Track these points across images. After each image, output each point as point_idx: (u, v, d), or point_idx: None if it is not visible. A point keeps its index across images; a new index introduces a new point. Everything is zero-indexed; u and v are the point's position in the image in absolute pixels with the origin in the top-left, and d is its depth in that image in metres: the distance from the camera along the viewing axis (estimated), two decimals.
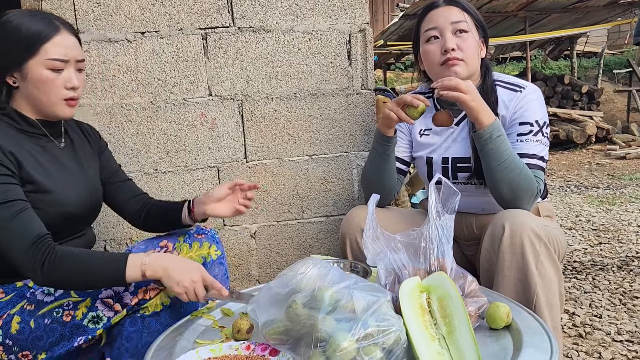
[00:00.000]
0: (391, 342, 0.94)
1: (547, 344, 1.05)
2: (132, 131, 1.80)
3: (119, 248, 1.84)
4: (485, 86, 1.59)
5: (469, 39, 1.54)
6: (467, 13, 1.55)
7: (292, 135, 1.92)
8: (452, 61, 1.52)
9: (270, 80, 1.88)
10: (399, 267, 1.18)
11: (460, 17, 1.54)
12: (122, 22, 1.76)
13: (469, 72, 1.55)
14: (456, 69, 1.53)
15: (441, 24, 1.54)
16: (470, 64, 1.55)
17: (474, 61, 1.56)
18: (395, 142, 1.62)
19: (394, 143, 1.61)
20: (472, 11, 1.58)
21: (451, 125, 1.55)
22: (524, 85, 1.59)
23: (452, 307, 1.04)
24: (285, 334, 1.03)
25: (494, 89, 1.59)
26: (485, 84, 1.59)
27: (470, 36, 1.54)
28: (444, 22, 1.54)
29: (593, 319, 2.13)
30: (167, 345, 1.17)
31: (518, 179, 1.44)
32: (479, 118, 1.43)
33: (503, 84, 1.61)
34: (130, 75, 1.78)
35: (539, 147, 1.52)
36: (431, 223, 1.18)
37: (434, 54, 1.56)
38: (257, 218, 1.94)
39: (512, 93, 1.57)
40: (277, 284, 1.08)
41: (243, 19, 1.84)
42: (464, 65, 1.54)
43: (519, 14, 7.13)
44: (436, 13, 1.56)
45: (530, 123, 1.53)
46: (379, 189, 1.63)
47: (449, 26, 1.53)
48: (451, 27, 1.53)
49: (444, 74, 1.54)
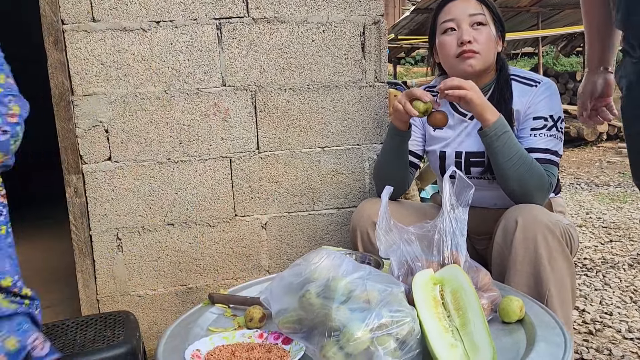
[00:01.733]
0: (405, 332, 0.94)
1: (560, 338, 1.04)
2: (145, 120, 1.81)
3: (131, 237, 1.85)
4: (501, 81, 1.59)
5: (486, 32, 1.53)
6: (485, 6, 1.55)
7: (304, 127, 1.92)
8: (467, 54, 1.52)
9: (284, 71, 1.88)
10: (412, 259, 1.18)
11: (479, 9, 1.53)
12: (138, 11, 1.76)
13: (484, 65, 1.55)
14: (471, 61, 1.53)
15: (458, 15, 1.53)
16: (486, 57, 1.54)
17: (489, 54, 1.55)
18: (409, 137, 1.62)
19: (407, 138, 1.61)
20: (491, 5, 1.57)
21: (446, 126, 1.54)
22: (540, 79, 1.58)
23: (465, 300, 1.04)
24: (299, 323, 1.03)
25: (509, 84, 1.58)
26: (501, 79, 1.59)
27: (487, 29, 1.53)
28: (462, 14, 1.53)
29: (603, 316, 2.12)
30: (180, 332, 1.18)
31: (527, 174, 1.43)
32: (484, 115, 1.43)
33: (519, 78, 1.60)
34: (144, 65, 1.79)
35: (553, 141, 1.51)
36: (445, 216, 1.18)
37: (450, 45, 1.55)
38: (268, 209, 1.94)
39: (527, 88, 1.57)
40: (290, 274, 1.08)
41: (257, 10, 1.83)
42: (480, 58, 1.53)
43: (531, 10, 7.08)
44: (454, 5, 1.56)
45: (544, 117, 1.52)
46: (391, 182, 1.63)
47: (466, 18, 1.52)
48: (469, 19, 1.52)
49: (459, 66, 1.54)
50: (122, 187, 1.82)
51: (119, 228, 1.84)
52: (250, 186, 1.91)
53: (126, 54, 1.77)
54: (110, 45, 1.76)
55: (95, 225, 1.82)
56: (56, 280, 2.61)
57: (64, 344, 1.42)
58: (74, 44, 1.73)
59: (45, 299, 2.32)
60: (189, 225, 1.89)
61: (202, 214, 1.89)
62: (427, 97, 1.45)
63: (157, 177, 1.84)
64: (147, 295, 1.90)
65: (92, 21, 1.74)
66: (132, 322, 1.55)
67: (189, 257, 1.91)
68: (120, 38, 1.76)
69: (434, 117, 1.48)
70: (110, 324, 1.53)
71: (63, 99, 1.74)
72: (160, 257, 1.89)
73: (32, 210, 3.92)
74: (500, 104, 1.55)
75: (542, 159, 1.49)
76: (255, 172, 1.91)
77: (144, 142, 1.82)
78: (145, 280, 1.89)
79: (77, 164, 1.78)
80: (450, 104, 1.66)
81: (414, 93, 1.48)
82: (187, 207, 1.88)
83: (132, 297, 1.88)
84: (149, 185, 1.84)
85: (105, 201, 1.82)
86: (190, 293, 1.93)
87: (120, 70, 1.78)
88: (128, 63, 1.78)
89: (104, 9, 1.74)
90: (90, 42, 1.74)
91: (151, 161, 1.83)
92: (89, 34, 1.74)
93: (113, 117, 1.79)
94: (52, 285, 2.54)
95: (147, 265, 1.88)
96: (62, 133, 1.76)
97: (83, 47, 1.74)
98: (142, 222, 1.86)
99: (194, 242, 1.90)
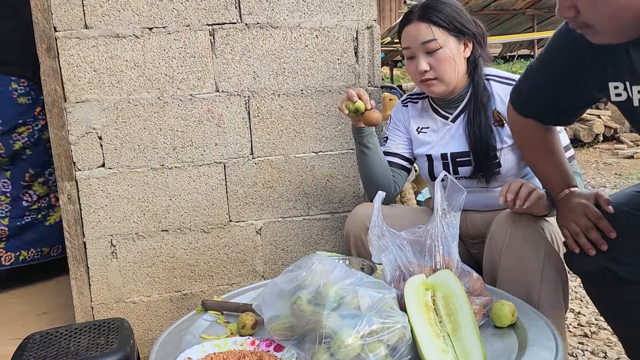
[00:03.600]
0: (396, 339, 0.94)
1: (552, 342, 1.05)
2: (139, 126, 1.81)
3: (125, 243, 1.85)
4: (475, 84, 1.60)
5: (441, 56, 1.55)
6: (437, 26, 1.54)
7: (298, 132, 1.93)
8: (427, 82, 1.58)
9: (277, 76, 1.88)
10: (404, 264, 1.18)
11: (429, 35, 1.53)
12: (130, 18, 1.76)
13: (447, 85, 1.59)
14: (433, 88, 1.59)
15: (412, 44, 1.57)
16: (446, 78, 1.57)
17: (449, 75, 1.57)
18: (369, 133, 1.63)
19: (366, 134, 1.63)
20: (445, 20, 1.54)
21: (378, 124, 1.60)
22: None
23: (457, 305, 1.04)
24: (290, 330, 1.03)
25: (485, 86, 1.60)
26: (475, 82, 1.60)
27: (442, 52, 1.54)
28: (415, 44, 1.56)
29: (599, 319, 2.12)
30: (172, 339, 1.18)
31: None
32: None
33: (498, 78, 1.62)
34: (137, 71, 1.79)
35: (563, 134, 1.53)
36: (437, 220, 1.18)
37: (413, 72, 1.61)
38: (262, 214, 1.94)
39: (507, 87, 1.58)
40: (282, 280, 1.08)
41: (250, 15, 1.84)
42: (439, 82, 1.58)
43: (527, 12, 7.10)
44: (407, 33, 1.58)
45: None
46: (373, 185, 1.65)
47: (420, 47, 1.55)
48: (422, 47, 1.55)
49: (425, 90, 1.63)
50: (116, 194, 1.82)
51: (113, 235, 1.84)
52: (244, 191, 1.91)
53: (119, 61, 1.77)
54: (103, 52, 1.76)
55: (89, 232, 1.82)
56: (50, 286, 2.60)
57: (57, 352, 1.41)
58: (67, 51, 1.73)
59: (40, 306, 2.33)
60: (183, 231, 1.89)
61: (197, 220, 1.89)
62: (355, 98, 1.55)
63: (151, 184, 1.84)
64: (141, 301, 1.89)
65: (85, 28, 1.74)
66: (126, 329, 1.54)
67: (184, 263, 1.91)
68: (113, 45, 1.76)
69: (365, 118, 1.58)
70: (104, 332, 1.52)
71: (56, 106, 1.74)
72: (154, 264, 1.88)
73: None
74: (479, 109, 1.56)
75: (570, 158, 1.51)
76: (250, 178, 1.91)
77: (138, 148, 1.82)
78: (139, 286, 1.88)
79: (71, 170, 1.78)
80: (432, 107, 1.68)
81: (348, 93, 1.57)
82: (181, 213, 1.88)
83: (126, 304, 1.88)
84: (143, 191, 1.84)
85: (99, 208, 1.82)
86: (185, 299, 1.93)
87: (113, 77, 1.78)
88: (121, 69, 1.78)
89: (96, 15, 1.74)
90: (82, 49, 1.74)
91: (145, 167, 1.83)
92: (81, 40, 1.74)
93: (106, 124, 1.79)
94: (47, 292, 2.54)
95: (142, 272, 1.88)
96: (55, 140, 1.76)
97: (76, 54, 1.74)
98: (137, 229, 1.85)
99: (189, 248, 1.90)
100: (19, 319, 2.23)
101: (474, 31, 1.59)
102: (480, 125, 1.57)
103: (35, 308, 2.34)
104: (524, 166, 1.62)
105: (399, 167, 1.72)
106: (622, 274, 1.19)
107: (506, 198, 1.33)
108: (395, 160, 1.72)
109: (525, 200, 1.32)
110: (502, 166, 1.57)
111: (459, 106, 1.63)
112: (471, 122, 1.58)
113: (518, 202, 1.33)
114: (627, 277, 1.19)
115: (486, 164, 1.57)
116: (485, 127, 1.56)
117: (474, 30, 1.59)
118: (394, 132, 1.76)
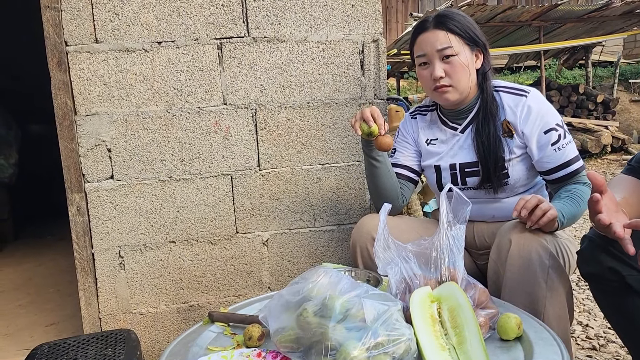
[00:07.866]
0: (401, 351, 0.94)
1: (558, 356, 1.04)
2: (147, 139, 1.83)
3: (133, 255, 1.86)
4: (485, 95, 1.61)
5: (457, 63, 1.55)
6: (454, 34, 1.55)
7: (304, 144, 1.94)
8: (441, 88, 1.57)
9: (284, 89, 1.90)
10: (409, 276, 1.18)
11: (446, 42, 1.54)
12: (140, 32, 1.79)
13: (460, 94, 1.59)
14: (446, 95, 1.59)
15: (429, 51, 1.57)
16: (461, 86, 1.58)
17: (464, 82, 1.58)
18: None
19: (375, 149, 1.64)
20: (461, 29, 1.56)
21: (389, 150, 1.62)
22: (528, 89, 1.60)
23: (462, 318, 1.05)
24: (296, 342, 1.03)
25: (494, 97, 1.61)
26: (484, 93, 1.61)
27: (457, 60, 1.55)
28: (431, 50, 1.56)
29: (607, 332, 2.11)
30: (179, 351, 1.18)
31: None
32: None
33: (506, 89, 1.62)
34: (146, 84, 1.82)
35: (572, 147, 1.54)
36: (442, 233, 1.19)
37: (426, 79, 1.61)
38: (269, 226, 1.95)
39: (517, 98, 1.58)
40: (288, 292, 1.09)
41: (258, 29, 1.86)
42: (453, 90, 1.58)
43: (533, 24, 7.10)
44: (424, 39, 1.58)
45: (554, 128, 1.54)
46: (381, 197, 1.67)
47: (435, 54, 1.56)
48: (438, 54, 1.55)
49: (437, 98, 1.63)
50: (124, 205, 1.84)
51: (121, 246, 1.86)
52: (251, 203, 1.93)
53: (128, 74, 1.80)
54: (112, 66, 1.79)
55: (97, 243, 1.84)
56: (59, 298, 2.62)
57: None
58: (77, 65, 1.77)
59: (47, 317, 2.35)
60: (190, 242, 1.90)
61: (204, 232, 1.90)
62: (371, 123, 1.55)
63: (159, 195, 1.86)
64: (149, 313, 1.90)
65: (95, 42, 1.77)
66: (133, 340, 1.55)
67: (191, 274, 1.92)
68: (122, 59, 1.79)
69: (377, 142, 1.59)
70: (112, 343, 1.53)
71: (66, 119, 1.77)
72: (162, 275, 1.89)
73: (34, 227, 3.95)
74: (487, 120, 1.57)
75: (579, 169, 1.52)
76: (256, 190, 1.92)
77: (146, 160, 1.84)
78: (147, 298, 1.89)
79: (80, 182, 1.80)
80: (440, 119, 1.69)
81: (364, 114, 1.56)
82: (188, 224, 1.89)
83: (134, 315, 1.89)
84: (151, 203, 1.86)
85: (108, 219, 1.83)
86: (192, 310, 1.94)
87: (122, 90, 1.80)
88: (130, 83, 1.81)
89: (106, 30, 1.77)
90: (93, 63, 1.77)
91: (153, 179, 1.85)
92: (92, 55, 1.77)
93: (115, 136, 1.81)
94: (55, 302, 2.55)
95: (149, 283, 1.89)
96: (65, 152, 1.78)
97: (86, 68, 1.77)
98: (144, 240, 1.87)
99: (196, 259, 1.91)
100: (27, 329, 2.25)
101: (484, 43, 1.61)
102: (489, 135, 1.57)
103: (43, 319, 2.36)
104: (533, 177, 1.62)
105: (406, 179, 1.73)
106: (629, 280, 1.20)
107: (520, 214, 1.35)
108: (402, 172, 1.73)
109: (537, 222, 1.34)
110: (511, 177, 1.58)
111: (468, 117, 1.64)
112: (480, 132, 1.59)
113: (528, 224, 1.35)
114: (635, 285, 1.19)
115: (494, 174, 1.57)
116: (494, 137, 1.57)
117: (485, 42, 1.61)
118: (402, 144, 1.77)
